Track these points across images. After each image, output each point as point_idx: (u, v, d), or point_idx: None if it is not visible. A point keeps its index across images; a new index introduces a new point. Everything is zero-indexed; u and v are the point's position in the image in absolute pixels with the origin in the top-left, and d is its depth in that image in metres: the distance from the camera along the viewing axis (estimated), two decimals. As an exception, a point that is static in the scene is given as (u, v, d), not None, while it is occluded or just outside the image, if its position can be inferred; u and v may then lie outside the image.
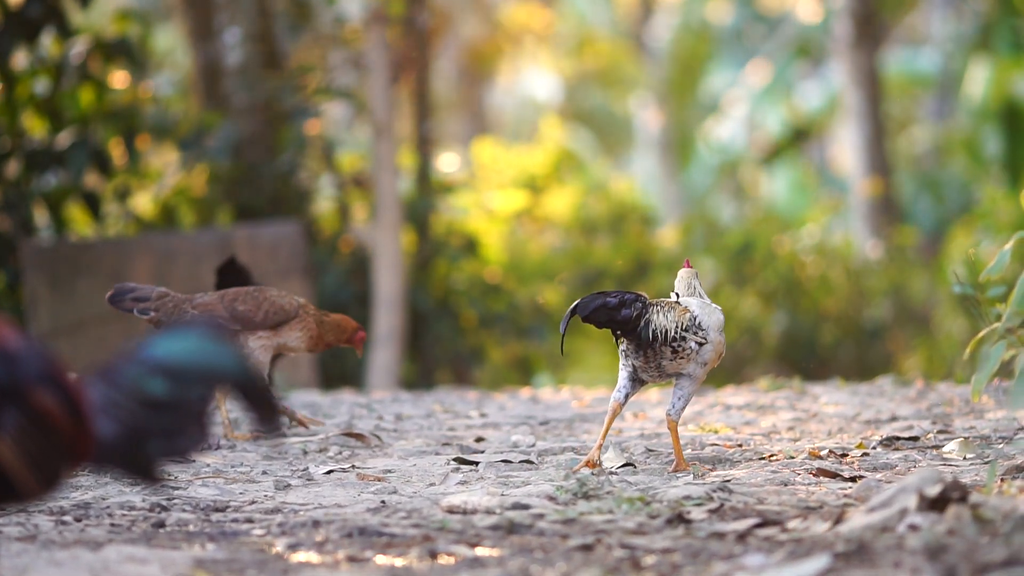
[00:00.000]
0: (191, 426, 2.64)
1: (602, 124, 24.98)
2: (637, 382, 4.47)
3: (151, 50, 12.80)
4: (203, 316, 5.16)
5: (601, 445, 4.49)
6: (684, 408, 4.48)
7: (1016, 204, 13.38)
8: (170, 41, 17.32)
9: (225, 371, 2.67)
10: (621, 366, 4.47)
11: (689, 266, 4.64)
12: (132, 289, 5.24)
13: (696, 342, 4.39)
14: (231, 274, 5.97)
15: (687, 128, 22.94)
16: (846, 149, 18.87)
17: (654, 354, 4.39)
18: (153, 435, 2.61)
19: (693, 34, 22.65)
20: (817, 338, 13.58)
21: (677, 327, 4.37)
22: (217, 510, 3.87)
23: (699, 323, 4.39)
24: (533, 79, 25.68)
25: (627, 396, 4.47)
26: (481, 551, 3.22)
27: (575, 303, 4.39)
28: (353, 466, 4.65)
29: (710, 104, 23.32)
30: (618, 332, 4.38)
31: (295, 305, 5.27)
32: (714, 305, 4.51)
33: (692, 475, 4.28)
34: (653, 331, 4.37)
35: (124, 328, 9.76)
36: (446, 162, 15.26)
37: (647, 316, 4.38)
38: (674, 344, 4.39)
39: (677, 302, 4.45)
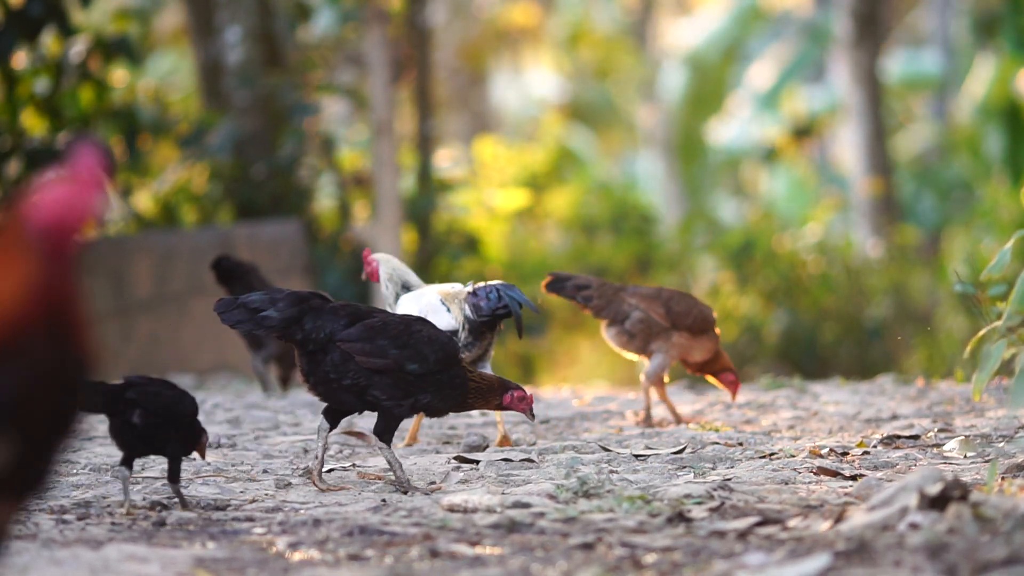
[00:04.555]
0: None
1: (604, 121, 24.94)
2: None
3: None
4: (640, 308, 5.46)
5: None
6: None
7: (1017, 203, 13.38)
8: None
9: None
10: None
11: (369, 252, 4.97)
12: (569, 277, 5.54)
13: None
14: (225, 270, 6.15)
15: (692, 128, 22.91)
16: (847, 147, 18.87)
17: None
18: None
19: (720, 50, 22.56)
20: (818, 337, 13.56)
21: None
22: (218, 509, 3.87)
23: None
24: (534, 76, 25.67)
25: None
26: (482, 550, 3.22)
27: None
28: (354, 464, 4.65)
29: (718, 105, 23.28)
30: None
31: (714, 320, 5.50)
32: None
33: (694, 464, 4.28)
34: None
35: (122, 326, 9.76)
36: (446, 160, 15.26)
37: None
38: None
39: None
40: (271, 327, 3.97)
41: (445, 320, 4.77)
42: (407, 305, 4.80)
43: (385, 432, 4.06)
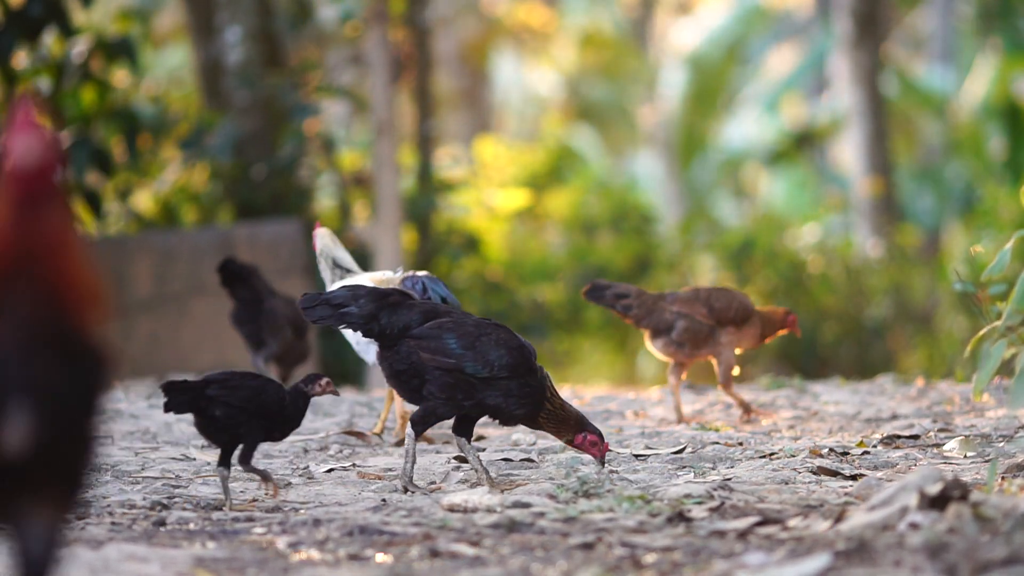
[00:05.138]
0: None
1: (607, 120, 24.93)
2: None
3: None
4: (683, 314, 5.49)
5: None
6: None
7: (1017, 202, 13.37)
8: None
9: None
10: None
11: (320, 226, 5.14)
12: (609, 286, 5.56)
13: None
14: (231, 272, 6.17)
15: (694, 128, 22.91)
16: (847, 147, 18.86)
17: None
18: None
19: (723, 48, 22.54)
20: (818, 337, 13.56)
21: None
22: (218, 508, 3.87)
23: None
24: (536, 76, 25.66)
25: None
26: (482, 550, 3.22)
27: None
28: (354, 464, 4.65)
29: (720, 105, 23.27)
30: None
31: (752, 306, 5.59)
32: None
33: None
34: None
35: (123, 326, 9.77)
36: (447, 160, 15.26)
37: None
38: None
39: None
40: (352, 323, 4.08)
41: None
42: None
43: (419, 423, 4.09)
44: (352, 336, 4.98)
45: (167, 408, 3.87)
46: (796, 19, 23.52)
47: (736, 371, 5.62)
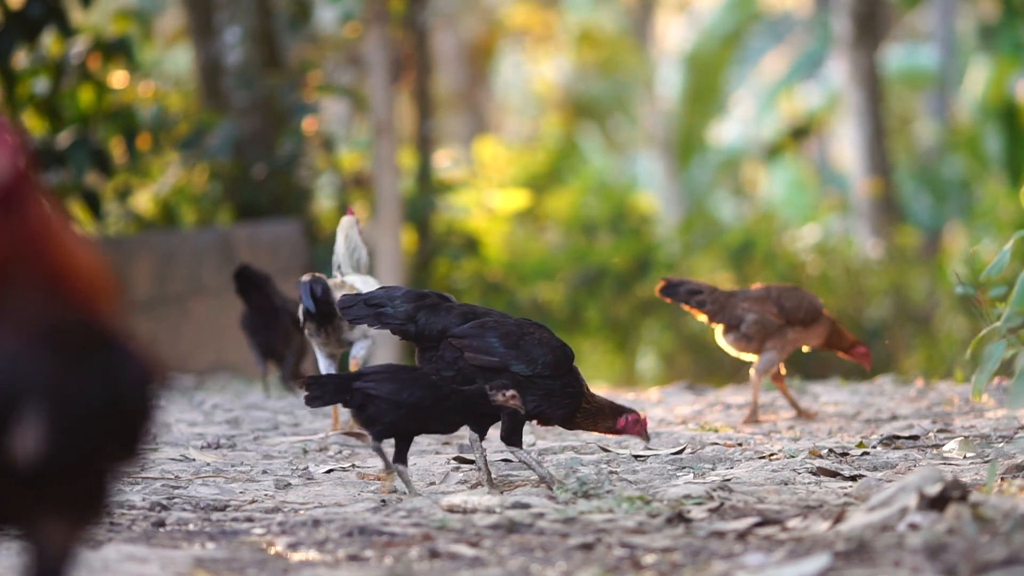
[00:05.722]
0: None
1: (607, 118, 24.92)
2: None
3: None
4: (754, 311, 5.57)
5: None
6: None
7: (1016, 203, 13.37)
8: None
9: None
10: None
11: (351, 213, 5.16)
12: (683, 282, 5.65)
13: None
14: (246, 279, 6.18)
15: (692, 127, 22.90)
16: (846, 147, 18.86)
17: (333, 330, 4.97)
18: None
19: (716, 41, 22.53)
20: (817, 337, 13.52)
21: None
22: (217, 509, 3.87)
23: None
24: (536, 75, 25.66)
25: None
26: (481, 550, 3.22)
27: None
28: (353, 465, 4.65)
29: (717, 104, 23.27)
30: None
31: (822, 306, 5.68)
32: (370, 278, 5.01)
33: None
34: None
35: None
36: (446, 161, 15.25)
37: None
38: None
39: (343, 282, 4.92)
40: (387, 323, 4.10)
41: (301, 309, 4.96)
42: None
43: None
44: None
45: (306, 402, 3.92)
46: (794, 20, 23.52)
47: (774, 371, 5.67)
